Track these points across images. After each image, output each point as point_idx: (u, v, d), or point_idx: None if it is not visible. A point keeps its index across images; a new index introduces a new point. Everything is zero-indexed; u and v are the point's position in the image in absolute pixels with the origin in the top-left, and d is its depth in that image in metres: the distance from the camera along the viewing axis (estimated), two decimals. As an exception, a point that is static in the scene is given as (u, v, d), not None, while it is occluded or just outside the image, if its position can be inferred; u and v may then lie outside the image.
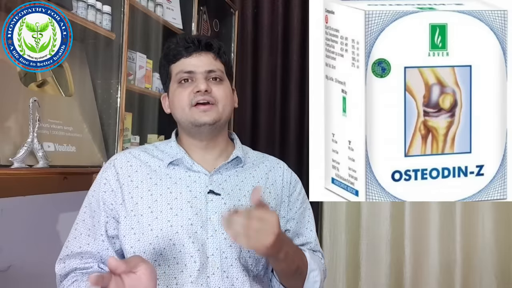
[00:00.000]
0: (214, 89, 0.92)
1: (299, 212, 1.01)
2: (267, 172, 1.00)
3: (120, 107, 1.47)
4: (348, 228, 2.29)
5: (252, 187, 0.96)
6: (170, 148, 0.97)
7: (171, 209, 0.89)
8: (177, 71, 0.94)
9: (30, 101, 1.16)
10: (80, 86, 1.42)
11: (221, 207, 0.91)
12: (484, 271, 2.08)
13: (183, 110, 0.92)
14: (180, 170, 0.94)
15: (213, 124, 0.91)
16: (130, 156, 0.96)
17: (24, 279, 1.37)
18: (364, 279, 2.22)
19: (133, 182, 0.92)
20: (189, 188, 0.91)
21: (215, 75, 0.94)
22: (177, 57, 0.95)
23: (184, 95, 0.92)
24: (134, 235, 0.88)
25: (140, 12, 1.63)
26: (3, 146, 1.11)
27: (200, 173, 0.93)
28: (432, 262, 2.13)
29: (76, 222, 0.94)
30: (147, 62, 1.71)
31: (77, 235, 0.92)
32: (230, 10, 2.30)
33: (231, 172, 0.96)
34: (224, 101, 0.93)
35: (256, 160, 1.03)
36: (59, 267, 0.91)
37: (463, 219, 2.11)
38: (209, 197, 0.91)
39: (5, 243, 1.33)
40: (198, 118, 0.91)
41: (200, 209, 0.89)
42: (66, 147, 1.30)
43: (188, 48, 0.94)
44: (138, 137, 1.67)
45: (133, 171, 0.93)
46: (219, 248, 0.87)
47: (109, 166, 0.95)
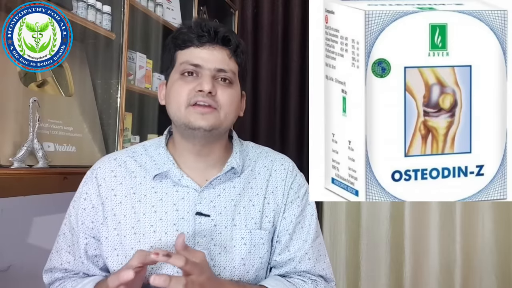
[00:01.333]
0: (219, 91, 0.81)
1: (295, 222, 0.88)
2: (267, 179, 0.89)
3: (120, 107, 1.47)
4: (348, 228, 2.29)
5: (250, 201, 0.85)
6: (158, 155, 0.86)
7: (155, 232, 0.80)
8: (183, 60, 0.82)
9: (30, 101, 1.16)
10: (80, 86, 1.42)
11: (211, 229, 0.81)
12: (484, 271, 2.08)
13: (179, 108, 0.80)
14: (167, 184, 0.83)
15: (209, 131, 0.80)
16: (115, 164, 0.86)
17: (24, 279, 1.37)
18: (364, 279, 2.22)
19: (117, 197, 0.83)
20: (175, 207, 0.81)
21: (224, 76, 0.82)
22: (186, 43, 0.82)
23: (183, 91, 0.80)
24: (117, 257, 0.81)
25: (140, 12, 1.63)
26: (3, 146, 1.11)
27: (189, 188, 0.83)
28: (432, 262, 2.13)
29: (59, 233, 0.89)
30: (147, 62, 1.71)
31: (58, 249, 0.88)
32: (230, 10, 2.30)
33: (226, 185, 0.85)
34: (228, 107, 0.81)
35: (258, 161, 0.91)
36: (46, 276, 0.90)
37: (463, 219, 2.11)
38: (197, 219, 0.81)
39: (5, 243, 1.33)
40: (193, 121, 0.79)
41: (187, 233, 0.80)
42: (66, 147, 1.30)
43: (202, 37, 0.81)
44: (138, 137, 1.67)
45: (117, 184, 0.84)
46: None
47: (90, 178, 0.86)
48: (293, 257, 0.88)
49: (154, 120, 1.80)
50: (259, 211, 0.86)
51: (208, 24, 0.82)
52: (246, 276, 0.83)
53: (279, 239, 0.88)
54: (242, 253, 0.83)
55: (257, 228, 0.84)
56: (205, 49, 0.81)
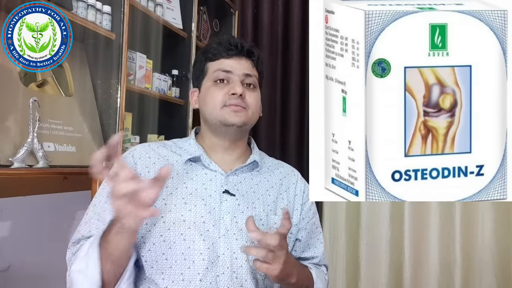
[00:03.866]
0: (247, 94, 0.94)
1: (311, 222, 1.02)
2: (281, 178, 1.02)
3: (120, 107, 1.47)
4: (348, 228, 2.29)
5: (266, 191, 0.98)
6: (189, 146, 0.98)
7: (185, 204, 0.89)
8: (215, 69, 0.95)
9: (30, 101, 1.17)
10: (80, 86, 1.42)
11: (235, 207, 0.91)
12: (484, 271, 2.08)
13: (215, 109, 0.93)
14: (197, 168, 0.95)
15: (240, 126, 0.93)
16: (149, 149, 0.97)
17: (24, 279, 1.37)
18: (364, 279, 2.22)
19: (150, 173, 0.92)
20: (204, 186, 0.92)
21: (250, 81, 0.96)
22: (216, 56, 0.96)
23: (219, 95, 0.93)
24: (146, 225, 0.87)
25: (140, 12, 1.63)
26: (3, 146, 1.11)
27: (217, 173, 0.94)
28: (432, 262, 2.13)
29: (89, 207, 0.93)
30: (147, 62, 1.71)
31: (87, 219, 0.91)
32: (230, 10, 2.31)
33: (247, 175, 0.98)
34: (254, 108, 0.95)
35: (272, 166, 1.05)
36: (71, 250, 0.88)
37: (463, 219, 2.11)
38: (223, 197, 0.92)
39: (5, 243, 1.33)
40: (229, 118, 0.92)
41: (214, 208, 0.90)
42: (66, 147, 1.30)
43: (230, 51, 0.95)
44: (138, 137, 1.67)
45: (151, 163, 0.93)
46: (230, 248, 0.87)
47: (127, 156, 0.95)
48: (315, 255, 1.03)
49: (154, 120, 1.80)
50: (273, 201, 0.97)
51: (235, 40, 0.97)
52: None
53: (299, 238, 1.00)
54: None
55: (273, 213, 0.96)
56: (233, 59, 0.96)
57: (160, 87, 1.79)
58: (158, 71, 1.80)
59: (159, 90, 1.78)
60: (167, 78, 1.83)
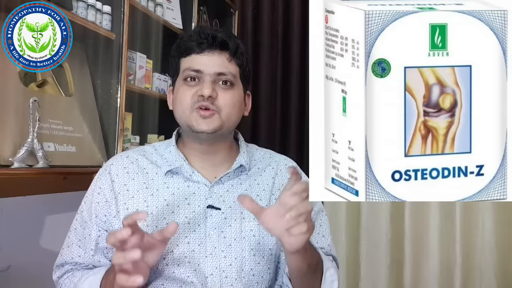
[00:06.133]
0: (220, 95, 0.85)
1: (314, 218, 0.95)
2: (273, 177, 0.94)
3: (120, 107, 1.47)
4: (348, 228, 2.29)
5: (257, 196, 0.90)
6: (169, 153, 0.91)
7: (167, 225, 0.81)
8: (185, 67, 0.87)
9: (30, 101, 1.17)
10: (80, 86, 1.42)
11: (221, 222, 0.85)
12: (484, 271, 2.08)
13: (184, 112, 0.86)
14: (179, 180, 0.88)
15: (212, 133, 0.85)
16: (127, 162, 0.91)
17: (24, 279, 1.37)
18: (364, 279, 2.22)
19: (129, 192, 0.87)
20: (187, 201, 0.86)
21: (225, 79, 0.86)
22: (188, 51, 0.87)
23: (187, 96, 0.85)
24: None
25: (140, 12, 1.63)
26: (3, 146, 1.11)
27: (200, 184, 0.87)
28: (432, 262, 2.13)
29: (70, 229, 0.91)
30: (147, 62, 1.71)
31: (69, 243, 0.90)
32: (230, 10, 2.31)
33: (234, 181, 0.90)
34: (229, 109, 0.86)
35: (263, 162, 0.96)
36: (56, 272, 0.91)
37: (463, 219, 2.11)
38: (208, 212, 0.85)
39: (5, 243, 1.33)
40: (196, 125, 0.84)
41: (199, 225, 0.84)
42: (66, 147, 1.30)
43: (201, 44, 0.85)
44: (138, 137, 1.67)
45: (129, 179, 0.88)
46: (218, 267, 0.83)
47: (104, 173, 0.90)
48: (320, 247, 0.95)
49: (154, 120, 1.80)
50: (266, 206, 0.88)
51: (206, 31, 0.86)
52: (258, 267, 0.86)
53: None
54: (252, 244, 0.86)
55: None
56: (205, 55, 0.86)
57: (160, 87, 1.79)
58: (158, 71, 1.80)
59: (159, 90, 1.78)
60: (167, 78, 1.83)
